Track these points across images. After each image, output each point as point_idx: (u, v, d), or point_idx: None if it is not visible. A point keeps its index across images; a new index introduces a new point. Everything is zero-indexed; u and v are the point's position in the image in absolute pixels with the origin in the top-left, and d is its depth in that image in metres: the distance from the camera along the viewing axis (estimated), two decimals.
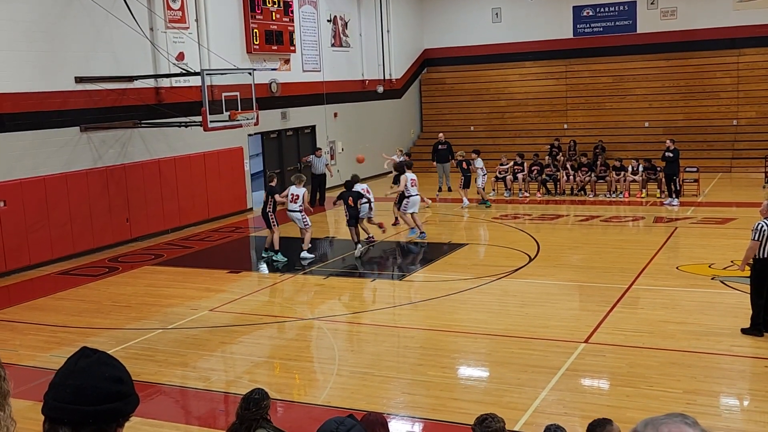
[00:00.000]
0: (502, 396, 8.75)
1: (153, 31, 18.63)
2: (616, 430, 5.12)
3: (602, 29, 29.16)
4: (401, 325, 11.74)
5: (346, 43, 27.14)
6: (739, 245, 15.39)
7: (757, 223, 10.27)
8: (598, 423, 5.21)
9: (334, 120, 26.36)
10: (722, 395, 8.76)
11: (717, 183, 23.66)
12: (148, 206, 18.60)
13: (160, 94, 19.02)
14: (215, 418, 8.91)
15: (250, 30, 21.92)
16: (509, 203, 22.39)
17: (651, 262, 14.51)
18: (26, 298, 13.98)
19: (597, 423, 5.21)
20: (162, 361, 10.42)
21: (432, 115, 32.02)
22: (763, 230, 10.11)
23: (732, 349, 9.92)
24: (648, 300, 12.37)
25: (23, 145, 15.81)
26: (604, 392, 9.02)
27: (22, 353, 10.69)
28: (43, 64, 16.18)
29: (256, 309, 13.09)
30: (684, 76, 27.76)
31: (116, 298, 13.67)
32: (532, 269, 14.53)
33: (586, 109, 29.26)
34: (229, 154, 21.23)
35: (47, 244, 16.20)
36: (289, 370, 10.14)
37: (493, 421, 5.21)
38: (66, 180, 16.62)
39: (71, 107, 16.78)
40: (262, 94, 21.25)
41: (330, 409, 8.22)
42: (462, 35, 31.14)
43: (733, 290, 12.44)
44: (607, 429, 5.12)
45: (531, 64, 30.19)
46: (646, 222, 18.97)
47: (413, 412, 8.54)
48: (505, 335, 10.83)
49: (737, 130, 26.89)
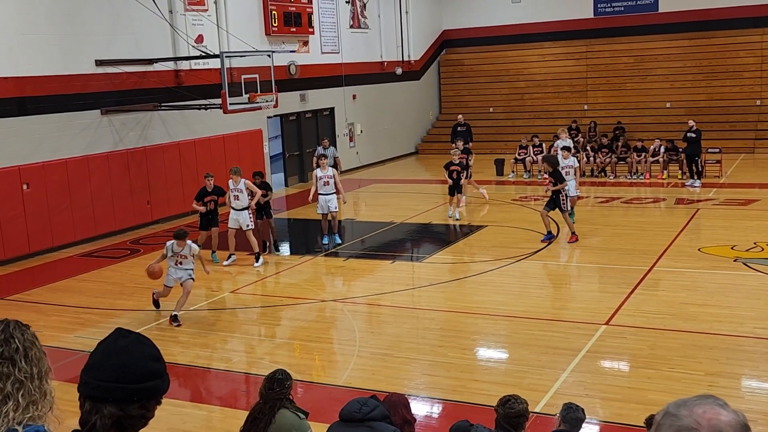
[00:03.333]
0: (522, 378, 8.76)
1: (172, 14, 18.65)
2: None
3: (623, 8, 28.82)
4: (421, 307, 11.76)
5: (364, 25, 27.03)
6: (762, 227, 15.29)
7: None
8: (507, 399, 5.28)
9: (353, 102, 26.32)
10: (744, 377, 8.72)
11: (740, 164, 23.42)
12: (168, 189, 18.70)
13: (180, 76, 19.07)
14: (236, 398, 8.99)
15: (268, 12, 21.89)
16: (528, 185, 22.29)
17: (672, 243, 14.42)
18: (50, 279, 14.13)
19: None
20: (184, 342, 10.52)
21: (450, 96, 31.87)
22: None
23: (755, 331, 9.85)
24: (669, 282, 12.30)
25: (45, 129, 15.93)
26: (625, 374, 9.00)
27: (46, 334, 10.80)
28: (64, 48, 16.26)
29: (276, 291, 13.18)
30: (706, 56, 27.42)
31: (138, 280, 13.76)
32: (552, 251, 14.48)
33: (606, 90, 29.00)
34: (248, 137, 21.28)
35: (70, 227, 16.34)
36: (309, 352, 10.20)
37: (516, 403, 5.22)
38: (87, 163, 16.74)
39: (92, 90, 16.87)
40: (281, 77, 21.23)
41: (351, 390, 8.27)
42: (481, 16, 30.91)
43: (756, 272, 12.34)
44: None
45: (551, 44, 29.93)
46: (667, 203, 18.83)
47: (434, 394, 8.58)
48: (525, 317, 10.83)
49: (760, 110, 26.55)
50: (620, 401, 8.11)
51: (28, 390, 2.35)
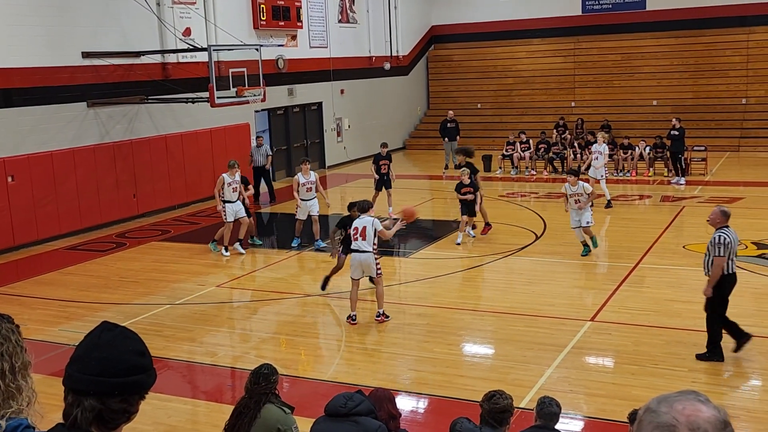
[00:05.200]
0: (508, 373, 8.79)
1: (160, 6, 18.55)
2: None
3: (611, 6, 28.91)
4: (408, 302, 11.78)
5: (353, 19, 26.98)
6: (746, 225, 15.39)
7: (716, 235, 8.80)
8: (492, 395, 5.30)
9: (341, 96, 26.28)
10: (727, 374, 8.79)
11: (725, 162, 23.56)
12: (155, 182, 18.63)
13: (167, 69, 18.98)
14: (222, 392, 8.98)
15: (257, 5, 21.81)
16: (516, 181, 22.34)
17: (657, 240, 14.50)
18: (34, 272, 14.06)
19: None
20: (169, 336, 10.49)
21: (439, 92, 31.88)
22: (727, 243, 8.69)
23: None
24: (654, 279, 12.38)
25: (31, 121, 15.82)
26: (610, 370, 9.06)
27: (31, 327, 10.73)
28: (51, 39, 16.14)
29: (262, 285, 13.17)
30: (693, 54, 27.55)
31: (124, 274, 13.74)
32: (539, 247, 14.53)
33: (594, 87, 29.09)
34: (236, 131, 21.20)
35: (55, 220, 16.25)
36: (295, 346, 10.21)
37: (501, 398, 5.25)
38: (73, 155, 16.64)
39: (78, 82, 16.76)
40: (269, 71, 21.18)
41: (337, 385, 8.28)
42: (470, 12, 30.92)
43: (740, 269, 12.41)
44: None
45: (539, 41, 29.99)
46: (653, 201, 18.93)
47: (420, 389, 8.60)
48: (511, 313, 10.87)
49: (746, 108, 26.72)
50: (604, 397, 8.17)
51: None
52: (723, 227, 8.90)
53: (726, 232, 8.84)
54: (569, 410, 7.49)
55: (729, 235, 8.81)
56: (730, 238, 8.80)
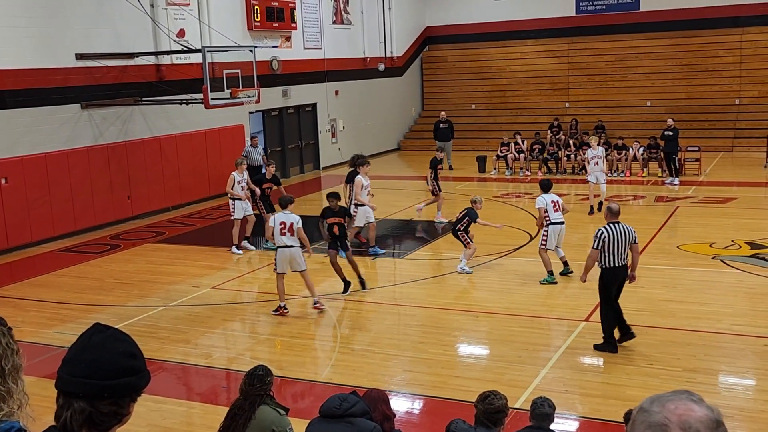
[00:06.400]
0: (503, 374, 8.80)
1: (154, 8, 18.52)
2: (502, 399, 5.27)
3: (605, 7, 28.97)
4: (402, 303, 11.78)
5: (347, 21, 26.99)
6: (740, 225, 15.45)
7: (598, 229, 9.31)
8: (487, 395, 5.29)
9: (336, 98, 26.28)
10: (722, 374, 8.81)
11: (718, 162, 23.62)
12: (149, 184, 18.60)
13: (161, 71, 18.95)
14: (217, 394, 8.97)
15: (251, 6, 21.79)
16: (510, 182, 22.36)
17: (652, 241, 14.53)
18: (28, 274, 14.02)
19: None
20: (164, 338, 10.48)
21: (433, 93, 31.91)
22: (603, 237, 9.13)
23: (732, 327, 9.96)
24: (648, 279, 12.38)
25: (25, 122, 15.78)
26: (604, 370, 9.07)
27: (24, 329, 10.71)
28: (44, 41, 16.11)
29: (257, 287, 13.15)
30: (687, 55, 27.63)
31: (118, 276, 13.71)
32: (533, 248, 14.52)
33: (588, 87, 29.14)
34: (230, 132, 21.19)
35: (49, 221, 16.21)
36: (290, 348, 10.19)
37: (495, 399, 5.25)
38: (67, 157, 16.61)
39: (72, 84, 16.73)
40: (263, 72, 21.16)
41: (332, 386, 8.28)
42: (464, 13, 30.95)
43: (734, 269, 12.46)
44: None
45: (533, 42, 30.04)
46: (647, 201, 18.97)
47: (414, 389, 8.60)
48: (505, 313, 10.88)
49: (739, 109, 26.80)
50: (599, 397, 8.18)
51: None
52: (610, 222, 9.29)
53: (607, 227, 9.21)
54: (564, 410, 7.49)
55: (609, 230, 9.16)
56: (609, 233, 9.14)
